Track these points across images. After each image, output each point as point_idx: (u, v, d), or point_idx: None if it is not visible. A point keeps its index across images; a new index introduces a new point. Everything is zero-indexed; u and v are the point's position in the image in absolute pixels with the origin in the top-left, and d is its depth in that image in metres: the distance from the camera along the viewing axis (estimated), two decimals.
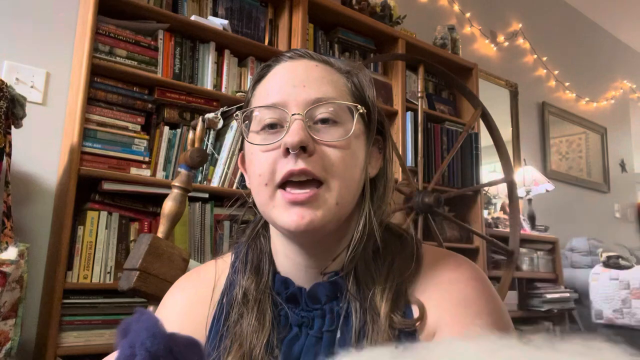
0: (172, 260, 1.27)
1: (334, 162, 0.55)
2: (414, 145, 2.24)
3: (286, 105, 0.56)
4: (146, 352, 0.36)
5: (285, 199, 0.55)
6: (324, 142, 0.56)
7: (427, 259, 0.61)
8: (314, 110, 0.56)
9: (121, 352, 0.36)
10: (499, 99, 3.50)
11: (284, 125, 0.56)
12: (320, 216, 0.55)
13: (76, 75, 1.60)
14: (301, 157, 0.54)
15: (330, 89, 0.58)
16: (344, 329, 0.57)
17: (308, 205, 0.54)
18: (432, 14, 3.10)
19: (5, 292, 1.12)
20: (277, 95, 0.57)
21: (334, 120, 0.57)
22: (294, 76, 0.59)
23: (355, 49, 2.29)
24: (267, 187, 0.56)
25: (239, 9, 1.98)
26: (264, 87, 0.60)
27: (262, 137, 0.57)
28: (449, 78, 2.17)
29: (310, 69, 0.59)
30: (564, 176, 3.87)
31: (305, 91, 0.57)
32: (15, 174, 1.50)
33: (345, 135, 0.56)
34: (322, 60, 0.62)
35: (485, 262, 2.36)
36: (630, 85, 4.86)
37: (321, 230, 0.56)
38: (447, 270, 0.59)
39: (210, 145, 1.76)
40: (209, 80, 1.84)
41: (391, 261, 0.60)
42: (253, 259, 0.64)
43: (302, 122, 0.55)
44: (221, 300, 0.63)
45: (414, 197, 1.85)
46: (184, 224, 1.61)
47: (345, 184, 0.56)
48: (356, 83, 0.61)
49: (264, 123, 0.57)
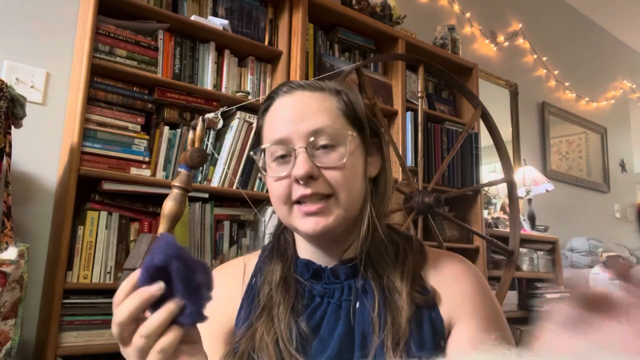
0: None
1: (337, 181, 0.67)
2: (414, 145, 2.24)
3: (290, 140, 0.68)
4: (162, 255, 0.46)
5: (301, 212, 0.67)
6: (325, 167, 0.67)
7: (430, 254, 0.74)
8: (314, 140, 0.67)
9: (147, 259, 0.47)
10: (499, 99, 3.50)
11: (291, 155, 0.68)
12: (332, 221, 0.67)
13: (76, 75, 1.60)
14: (309, 184, 0.66)
15: (325, 118, 0.69)
16: (363, 302, 0.67)
17: (320, 215, 0.67)
18: (432, 14, 3.10)
19: (5, 292, 1.12)
20: (282, 131, 0.69)
21: (332, 144, 0.68)
22: (293, 112, 0.70)
23: (355, 49, 2.29)
24: (285, 205, 0.69)
25: (239, 9, 1.98)
26: (271, 122, 0.72)
27: (275, 166, 0.69)
28: (449, 78, 2.17)
29: (305, 101, 0.70)
30: (564, 176, 3.87)
31: (304, 125, 0.68)
32: (15, 174, 1.50)
33: (343, 157, 0.67)
34: (314, 88, 0.72)
35: (485, 262, 2.36)
36: (630, 85, 4.86)
37: (334, 232, 0.68)
38: (450, 264, 0.72)
39: (210, 145, 1.76)
40: (209, 80, 1.84)
41: (404, 251, 0.71)
42: (279, 249, 0.76)
43: (306, 154, 0.66)
44: (251, 281, 0.75)
45: (414, 197, 1.85)
46: (184, 224, 1.61)
47: (349, 194, 0.68)
48: (346, 101, 0.72)
49: (276, 155, 0.69)
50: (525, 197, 3.16)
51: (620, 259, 3.00)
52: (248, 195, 1.67)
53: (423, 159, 2.00)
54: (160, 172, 1.66)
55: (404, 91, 2.27)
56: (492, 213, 3.03)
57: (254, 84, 1.96)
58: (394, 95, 2.28)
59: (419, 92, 2.06)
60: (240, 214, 1.77)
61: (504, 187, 2.65)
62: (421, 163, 1.97)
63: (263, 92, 1.98)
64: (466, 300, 0.68)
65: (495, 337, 0.65)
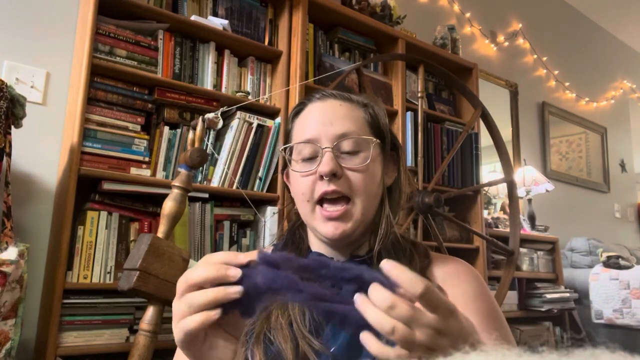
0: (172, 260, 1.27)
1: (357, 183, 0.73)
2: (414, 145, 2.24)
3: (319, 140, 0.74)
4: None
5: (323, 215, 0.73)
6: (348, 168, 0.74)
7: (434, 257, 0.78)
8: (340, 143, 0.74)
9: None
10: (499, 99, 3.50)
11: (317, 156, 0.74)
12: (350, 227, 0.73)
13: (76, 75, 1.60)
14: (332, 181, 0.72)
15: (352, 125, 0.75)
16: None
17: (340, 220, 0.73)
18: (432, 14, 3.10)
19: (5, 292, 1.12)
20: (312, 132, 0.75)
21: (356, 150, 0.75)
22: (323, 116, 0.76)
23: (355, 49, 2.29)
24: (308, 203, 0.75)
25: (239, 9, 1.98)
26: (301, 124, 0.78)
27: (302, 165, 0.76)
28: (449, 78, 2.17)
29: (335, 108, 0.77)
30: (564, 176, 3.87)
31: (333, 128, 0.74)
32: (15, 174, 1.50)
33: (365, 161, 0.74)
34: (344, 98, 0.79)
35: (485, 262, 2.36)
36: (630, 85, 4.86)
37: (350, 237, 0.74)
38: (453, 265, 0.77)
39: (210, 145, 1.76)
40: (209, 80, 1.84)
41: (410, 252, 0.76)
42: (293, 243, 0.81)
43: (332, 154, 0.73)
44: None
45: (414, 197, 1.86)
46: (184, 224, 1.61)
47: (367, 198, 0.74)
48: (372, 114, 0.80)
49: (303, 155, 0.76)
50: (525, 197, 3.16)
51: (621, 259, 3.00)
52: (248, 195, 1.67)
53: (423, 159, 2.00)
54: (160, 172, 1.66)
55: (404, 91, 2.27)
56: (492, 213, 3.03)
57: (254, 84, 1.96)
58: (394, 95, 2.28)
59: (419, 92, 2.06)
60: (240, 214, 1.77)
61: (504, 187, 2.65)
62: (421, 163, 1.97)
63: (263, 92, 1.98)
64: (467, 300, 0.71)
65: (495, 336, 0.67)
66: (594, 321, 2.97)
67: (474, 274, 0.77)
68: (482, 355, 0.25)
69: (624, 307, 2.84)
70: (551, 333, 2.84)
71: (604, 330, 2.96)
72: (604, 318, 2.92)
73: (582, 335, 2.97)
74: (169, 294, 1.25)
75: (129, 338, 1.48)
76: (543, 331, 2.77)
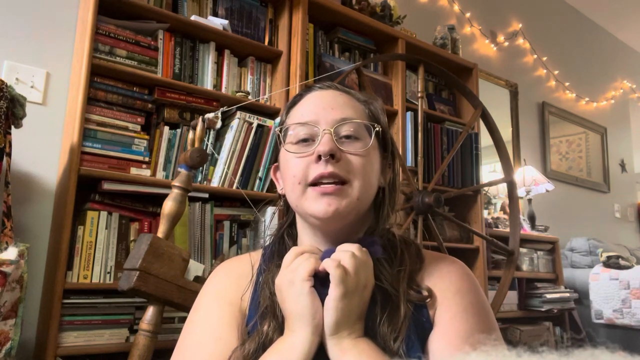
0: (172, 260, 1.27)
1: (356, 166, 0.70)
2: (414, 145, 2.24)
3: (318, 123, 0.71)
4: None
5: (316, 191, 0.69)
6: (347, 152, 0.70)
7: (427, 257, 0.76)
8: (339, 127, 0.71)
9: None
10: (499, 99, 3.50)
11: (315, 140, 0.71)
12: (344, 205, 0.68)
13: (76, 75, 1.60)
14: (330, 162, 0.68)
15: (352, 112, 0.73)
16: None
17: (334, 196, 0.68)
18: (432, 14, 3.10)
19: (5, 292, 1.12)
20: (310, 115, 0.73)
21: (355, 136, 0.72)
22: (323, 101, 0.74)
23: (355, 49, 2.29)
24: (299, 185, 0.70)
25: (239, 9, 1.98)
26: (298, 110, 0.75)
27: (297, 148, 0.72)
28: (449, 78, 2.17)
29: (336, 96, 0.75)
30: (564, 176, 3.87)
31: (333, 112, 0.72)
32: (15, 174, 1.50)
33: (364, 147, 0.71)
34: (344, 90, 0.77)
35: (485, 262, 2.36)
36: (630, 85, 4.86)
37: (344, 219, 0.70)
38: (444, 265, 0.75)
39: (210, 145, 1.76)
40: (209, 80, 1.84)
41: (401, 254, 0.73)
42: (279, 253, 0.76)
43: (331, 136, 0.70)
44: (257, 279, 0.76)
45: (414, 197, 1.86)
46: (184, 224, 1.61)
47: (365, 184, 0.70)
48: (372, 109, 0.77)
49: (299, 137, 0.72)
50: (525, 197, 3.16)
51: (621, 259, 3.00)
52: (248, 195, 1.67)
53: (423, 159, 2.00)
54: (160, 172, 1.66)
55: (404, 91, 2.27)
56: (492, 213, 3.03)
57: (254, 84, 1.96)
58: (394, 95, 2.28)
59: (419, 92, 2.06)
60: (240, 214, 1.77)
61: (504, 187, 2.65)
62: (421, 163, 1.97)
63: (263, 92, 1.98)
64: (448, 294, 0.70)
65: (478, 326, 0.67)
66: (594, 321, 2.97)
67: (462, 272, 0.74)
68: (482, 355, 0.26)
69: (624, 307, 2.84)
70: (551, 333, 2.84)
71: (604, 330, 2.96)
72: (604, 318, 2.92)
73: (582, 336, 2.97)
74: (169, 294, 1.25)
75: (129, 338, 1.49)
76: (543, 331, 2.77)
